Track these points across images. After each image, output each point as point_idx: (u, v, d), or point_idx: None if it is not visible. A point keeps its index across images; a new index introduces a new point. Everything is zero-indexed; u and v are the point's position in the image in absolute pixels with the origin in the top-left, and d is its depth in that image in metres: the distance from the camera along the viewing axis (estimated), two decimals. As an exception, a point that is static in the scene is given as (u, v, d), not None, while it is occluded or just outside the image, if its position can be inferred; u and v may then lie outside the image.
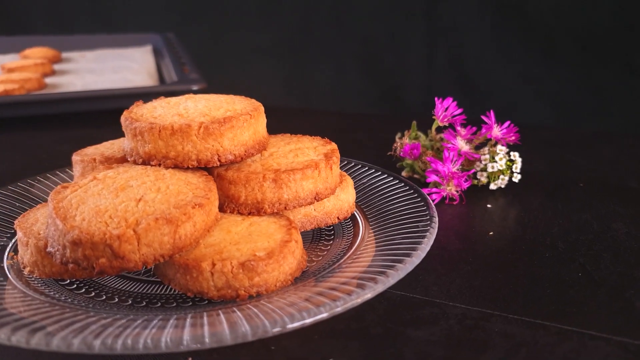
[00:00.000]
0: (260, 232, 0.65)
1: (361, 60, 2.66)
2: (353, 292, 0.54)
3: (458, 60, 2.45)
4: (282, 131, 0.83)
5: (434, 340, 0.56)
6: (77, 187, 0.64)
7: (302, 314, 0.52)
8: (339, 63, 2.69)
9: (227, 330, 0.50)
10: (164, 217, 0.57)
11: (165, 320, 0.55)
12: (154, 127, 0.67)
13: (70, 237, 0.56)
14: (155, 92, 1.55)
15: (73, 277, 0.65)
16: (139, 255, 0.56)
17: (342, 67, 2.69)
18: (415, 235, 0.67)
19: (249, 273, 0.59)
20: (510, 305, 0.62)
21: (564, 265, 0.70)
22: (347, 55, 2.68)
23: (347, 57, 2.68)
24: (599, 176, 1.02)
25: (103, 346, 0.49)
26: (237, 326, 0.51)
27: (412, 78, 2.57)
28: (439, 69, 2.50)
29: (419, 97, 2.57)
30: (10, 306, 0.58)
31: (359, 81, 2.67)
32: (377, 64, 2.63)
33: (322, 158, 0.72)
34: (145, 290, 0.64)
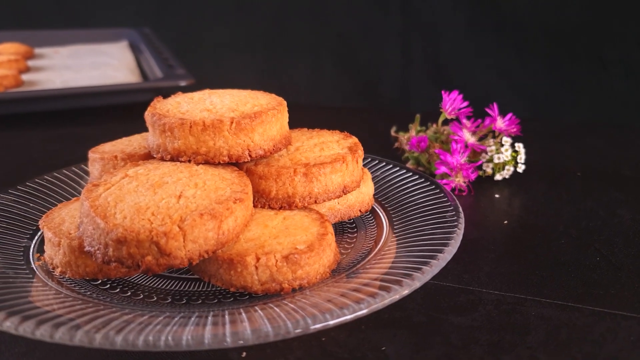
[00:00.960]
0: (297, 226, 0.66)
1: (336, 55, 2.67)
2: (393, 289, 0.54)
3: (433, 55, 2.49)
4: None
5: (476, 325, 0.58)
6: (110, 184, 0.63)
7: (349, 308, 0.52)
8: (314, 58, 2.70)
9: (269, 326, 0.50)
10: (209, 213, 0.57)
11: (206, 316, 0.55)
12: (184, 123, 0.66)
13: (113, 235, 0.55)
14: (141, 88, 1.52)
15: (107, 277, 0.64)
16: (185, 252, 0.56)
17: (317, 62, 2.70)
18: (441, 227, 0.68)
19: (293, 266, 0.60)
20: (540, 290, 0.65)
21: (582, 251, 0.74)
22: (322, 50, 2.68)
23: (323, 52, 2.69)
24: (593, 165, 1.06)
25: (145, 344, 0.49)
26: (283, 321, 0.51)
27: (387, 73, 2.60)
28: (414, 64, 2.54)
29: (394, 92, 2.60)
30: (43, 304, 0.56)
31: (335, 76, 2.68)
32: (352, 58, 2.65)
33: (348, 152, 0.73)
34: (183, 288, 0.64)
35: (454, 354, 0.54)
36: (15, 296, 0.56)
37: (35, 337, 0.49)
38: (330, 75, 2.70)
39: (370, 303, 0.52)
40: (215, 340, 0.49)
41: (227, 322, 0.53)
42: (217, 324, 0.52)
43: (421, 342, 0.56)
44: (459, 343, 0.55)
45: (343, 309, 0.51)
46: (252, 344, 0.48)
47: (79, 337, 0.49)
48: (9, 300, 0.55)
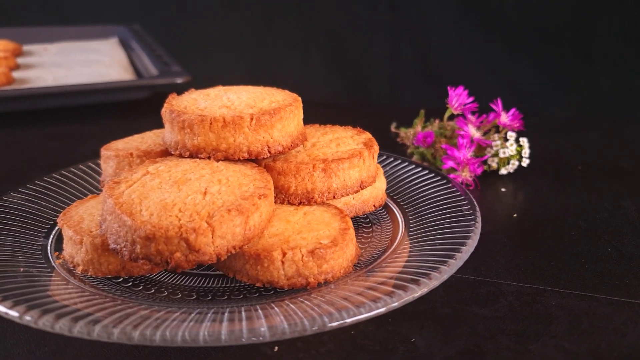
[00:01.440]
0: (318, 221, 0.66)
1: (326, 52, 2.68)
2: (422, 282, 0.55)
3: (422, 51, 2.51)
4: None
5: (500, 316, 0.59)
6: (131, 181, 0.63)
7: (381, 301, 0.52)
8: (303, 54, 2.69)
9: (306, 321, 0.51)
10: (236, 209, 0.57)
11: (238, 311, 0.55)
12: (204, 120, 0.66)
13: (142, 232, 0.55)
14: (137, 86, 1.51)
15: (130, 275, 0.64)
16: (213, 248, 0.56)
17: (306, 59, 2.70)
18: (459, 220, 0.69)
19: (318, 260, 0.60)
20: (557, 280, 0.66)
21: (592, 242, 0.75)
22: (311, 47, 2.68)
23: (312, 49, 2.69)
24: (592, 159, 1.08)
25: (162, 340, 0.49)
26: (318, 314, 0.51)
27: (377, 69, 2.61)
28: (403, 60, 2.55)
29: (384, 88, 2.61)
30: (71, 302, 0.56)
31: (324, 72, 2.69)
32: (341, 55, 2.66)
33: (363, 147, 0.74)
34: (208, 285, 0.64)
35: (482, 344, 0.55)
36: (41, 295, 0.56)
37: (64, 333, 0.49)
38: (319, 71, 2.70)
39: (402, 296, 0.53)
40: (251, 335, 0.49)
41: (261, 316, 0.53)
42: (251, 318, 0.53)
43: (448, 333, 0.57)
44: (485, 333, 0.56)
45: (376, 302, 0.52)
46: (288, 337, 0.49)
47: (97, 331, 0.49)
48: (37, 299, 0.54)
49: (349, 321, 0.50)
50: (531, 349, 0.54)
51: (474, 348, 0.54)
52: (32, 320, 0.51)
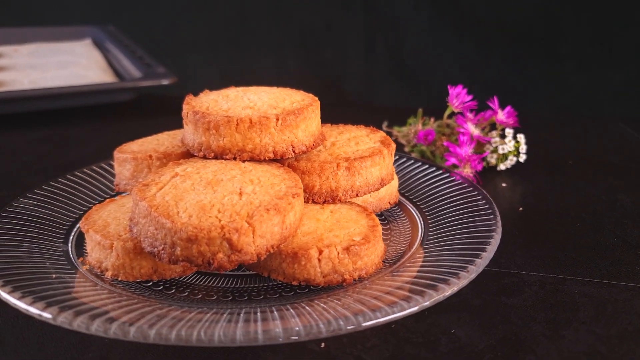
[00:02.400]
0: (346, 219, 0.67)
1: (300, 52, 2.68)
2: (462, 275, 0.56)
3: (396, 51, 2.55)
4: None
5: (528, 305, 0.62)
6: (161, 183, 0.63)
7: (426, 295, 0.53)
8: (277, 55, 2.69)
9: (367, 312, 0.52)
10: (274, 208, 0.58)
11: (287, 309, 0.55)
12: (231, 121, 0.66)
13: (183, 234, 0.55)
14: (122, 88, 1.48)
15: (162, 278, 0.63)
16: (254, 248, 0.57)
17: (281, 59, 2.70)
18: (478, 216, 0.71)
19: (354, 257, 0.61)
20: (574, 269, 0.69)
21: (598, 232, 0.79)
22: (285, 47, 2.69)
23: (286, 49, 2.69)
24: (580, 154, 1.13)
25: (199, 340, 0.49)
26: (357, 314, 0.52)
27: (351, 69, 2.64)
28: (378, 60, 2.58)
29: (359, 87, 2.64)
30: (111, 308, 0.55)
31: (299, 72, 2.69)
32: (316, 55, 2.67)
33: (381, 145, 0.75)
34: (241, 285, 0.64)
35: (518, 332, 0.57)
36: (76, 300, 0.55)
37: (106, 335, 0.48)
38: (294, 71, 2.70)
39: (445, 289, 0.54)
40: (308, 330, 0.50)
41: (294, 315, 0.53)
42: (285, 318, 0.53)
43: (485, 323, 0.59)
44: (519, 322, 0.59)
45: (422, 296, 0.53)
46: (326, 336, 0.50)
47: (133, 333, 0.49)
48: (76, 305, 0.54)
49: (385, 319, 0.50)
50: (565, 335, 0.56)
51: (512, 336, 0.56)
52: (79, 325, 0.50)
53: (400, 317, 0.50)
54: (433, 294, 0.53)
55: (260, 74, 2.73)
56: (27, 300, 0.53)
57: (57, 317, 0.51)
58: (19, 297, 0.53)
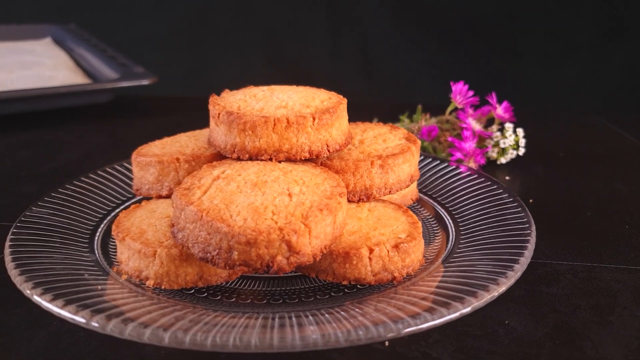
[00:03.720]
0: (386, 217, 0.68)
1: (265, 50, 2.66)
2: (509, 274, 0.56)
3: (362, 48, 2.57)
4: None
5: (568, 293, 0.64)
6: (204, 187, 0.61)
7: (464, 304, 0.51)
8: (242, 53, 2.66)
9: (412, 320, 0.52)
10: (326, 208, 0.57)
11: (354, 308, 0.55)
12: (268, 121, 0.65)
13: (242, 238, 0.54)
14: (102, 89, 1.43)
15: (207, 284, 0.61)
16: (310, 249, 0.56)
17: (245, 57, 2.67)
18: (506, 211, 0.72)
19: (402, 255, 0.62)
20: (600, 257, 0.72)
21: (609, 221, 0.83)
22: (250, 45, 2.66)
23: (250, 47, 2.66)
24: (568, 146, 1.18)
25: (191, 342, 0.49)
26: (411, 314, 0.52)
27: (317, 66, 2.64)
28: (343, 57, 2.60)
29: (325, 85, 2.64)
30: (166, 321, 0.53)
31: (264, 71, 2.67)
32: (281, 53, 2.65)
33: (408, 142, 0.76)
34: (288, 287, 0.63)
35: (568, 319, 0.59)
36: (139, 313, 0.53)
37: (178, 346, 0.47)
38: (259, 70, 2.68)
39: (503, 282, 0.55)
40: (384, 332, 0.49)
41: (351, 316, 0.53)
42: (356, 317, 0.53)
43: (533, 312, 0.60)
44: (565, 309, 0.61)
45: (475, 297, 0.52)
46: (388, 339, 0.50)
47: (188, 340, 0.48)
48: (127, 320, 0.51)
49: (442, 321, 0.50)
50: (612, 320, 0.59)
51: (563, 324, 0.58)
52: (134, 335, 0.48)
53: (457, 317, 0.50)
54: (484, 294, 0.53)
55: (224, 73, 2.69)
56: (85, 315, 0.50)
57: (125, 331, 0.48)
58: (75, 312, 0.50)
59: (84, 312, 0.50)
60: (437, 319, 0.50)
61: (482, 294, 0.53)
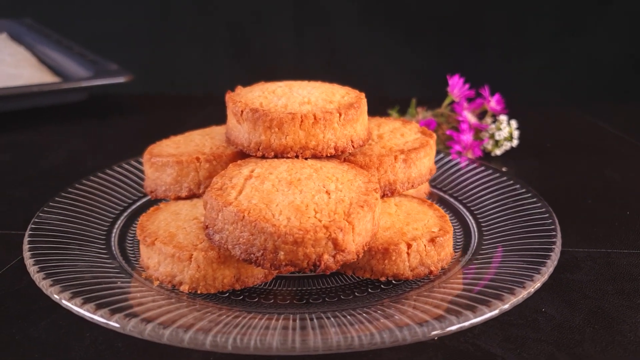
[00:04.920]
0: (415, 211, 0.68)
1: (229, 45, 2.62)
2: (548, 263, 0.57)
3: (327, 43, 2.56)
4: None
5: (592, 279, 0.66)
6: (239, 187, 0.59)
7: (503, 302, 0.51)
8: (204, 48, 2.61)
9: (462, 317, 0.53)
10: (366, 204, 0.57)
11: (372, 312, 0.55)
12: (295, 117, 0.64)
13: (289, 238, 0.52)
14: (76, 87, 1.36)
15: (244, 286, 0.60)
16: (354, 246, 0.55)
17: (208, 53, 2.62)
18: (525, 206, 0.72)
19: (438, 248, 0.62)
20: (612, 243, 0.75)
21: (610, 208, 0.86)
22: (212, 40, 2.60)
23: (213, 42, 2.61)
24: (552, 137, 1.22)
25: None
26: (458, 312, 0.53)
27: (283, 61, 2.62)
28: (309, 52, 2.59)
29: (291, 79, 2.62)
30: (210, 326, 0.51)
31: (228, 66, 2.63)
32: (246, 48, 2.61)
33: (425, 136, 0.76)
34: (325, 286, 0.62)
35: (601, 305, 0.61)
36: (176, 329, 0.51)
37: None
38: (223, 65, 2.63)
39: (543, 272, 0.56)
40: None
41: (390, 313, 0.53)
42: (404, 313, 0.52)
43: (566, 299, 0.62)
44: (595, 295, 0.63)
45: (513, 294, 0.52)
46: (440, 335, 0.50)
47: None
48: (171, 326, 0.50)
49: (486, 317, 0.50)
50: (640, 304, 0.61)
51: (596, 309, 0.60)
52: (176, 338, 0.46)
53: (497, 314, 0.50)
54: (522, 291, 0.53)
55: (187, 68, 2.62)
56: (137, 326, 0.48)
57: (184, 339, 0.47)
58: (128, 325, 0.48)
59: (130, 321, 0.48)
60: (479, 316, 0.50)
61: (520, 290, 0.53)
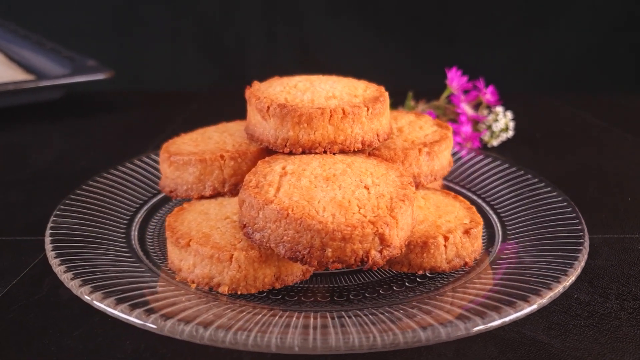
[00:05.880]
0: (443, 204, 0.68)
1: (198, 39, 2.56)
2: (580, 257, 0.57)
3: (298, 36, 2.55)
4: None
5: (614, 264, 0.68)
6: (275, 184, 0.58)
7: (541, 298, 0.51)
8: (173, 43, 2.54)
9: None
10: (407, 198, 0.57)
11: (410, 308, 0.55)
12: (324, 112, 0.63)
13: (337, 234, 0.52)
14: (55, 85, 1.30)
15: (284, 285, 0.59)
16: (398, 240, 0.55)
17: (177, 47, 2.56)
18: (544, 199, 0.73)
19: (472, 240, 0.62)
20: (622, 228, 0.77)
21: (611, 195, 0.88)
22: (181, 35, 2.55)
23: (182, 36, 2.55)
24: (540, 127, 1.25)
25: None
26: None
27: (253, 55, 2.58)
28: (280, 46, 2.56)
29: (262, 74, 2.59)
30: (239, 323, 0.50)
31: (198, 60, 2.57)
32: (215, 42, 2.57)
33: (442, 129, 0.76)
34: (363, 281, 0.61)
35: (629, 290, 0.62)
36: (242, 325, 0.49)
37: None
38: (192, 60, 2.58)
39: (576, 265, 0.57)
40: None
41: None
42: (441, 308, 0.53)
43: (594, 284, 0.63)
44: (620, 279, 0.64)
45: (550, 288, 0.53)
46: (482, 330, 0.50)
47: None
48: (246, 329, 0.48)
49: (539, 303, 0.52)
50: (665, 286, 0.63)
51: (626, 293, 0.62)
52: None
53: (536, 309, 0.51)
54: (559, 287, 0.53)
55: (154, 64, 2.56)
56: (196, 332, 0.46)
57: (245, 343, 0.45)
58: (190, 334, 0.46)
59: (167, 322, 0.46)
60: (519, 311, 0.50)
61: (556, 285, 0.53)
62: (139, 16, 2.47)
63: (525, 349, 0.53)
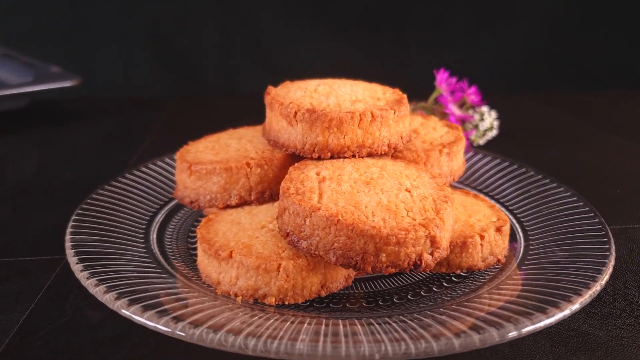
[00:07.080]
0: (469, 203, 0.69)
1: (150, 44, 2.49)
2: (609, 255, 0.59)
3: (254, 39, 2.52)
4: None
5: (625, 254, 0.71)
6: (315, 190, 0.57)
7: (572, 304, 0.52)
8: (123, 48, 2.46)
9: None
10: (448, 199, 0.57)
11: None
12: (354, 116, 0.62)
13: (391, 239, 0.51)
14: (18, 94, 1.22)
15: (329, 292, 0.58)
16: (445, 242, 0.56)
17: (128, 53, 2.47)
18: (563, 201, 0.75)
19: (504, 237, 0.64)
20: (622, 219, 0.81)
21: (603, 189, 0.92)
22: (132, 40, 2.46)
23: (133, 42, 2.47)
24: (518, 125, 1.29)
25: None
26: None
27: (208, 59, 2.54)
28: (236, 49, 2.53)
29: (219, 79, 2.55)
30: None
31: (150, 66, 2.50)
32: (168, 47, 2.50)
33: (454, 130, 0.77)
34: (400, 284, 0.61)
35: (649, 277, 0.66)
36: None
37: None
38: (144, 66, 2.50)
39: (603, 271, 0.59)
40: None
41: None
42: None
43: (617, 274, 0.66)
44: (637, 268, 0.68)
45: (581, 294, 0.53)
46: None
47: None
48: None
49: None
50: (683, 273, 0.67)
51: (647, 282, 0.65)
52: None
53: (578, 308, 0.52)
54: (589, 292, 0.53)
55: (105, 69, 2.46)
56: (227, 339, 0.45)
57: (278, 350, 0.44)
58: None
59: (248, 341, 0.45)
60: (551, 317, 0.50)
61: (593, 283, 0.54)
62: (85, 19, 2.37)
63: (574, 340, 0.55)
